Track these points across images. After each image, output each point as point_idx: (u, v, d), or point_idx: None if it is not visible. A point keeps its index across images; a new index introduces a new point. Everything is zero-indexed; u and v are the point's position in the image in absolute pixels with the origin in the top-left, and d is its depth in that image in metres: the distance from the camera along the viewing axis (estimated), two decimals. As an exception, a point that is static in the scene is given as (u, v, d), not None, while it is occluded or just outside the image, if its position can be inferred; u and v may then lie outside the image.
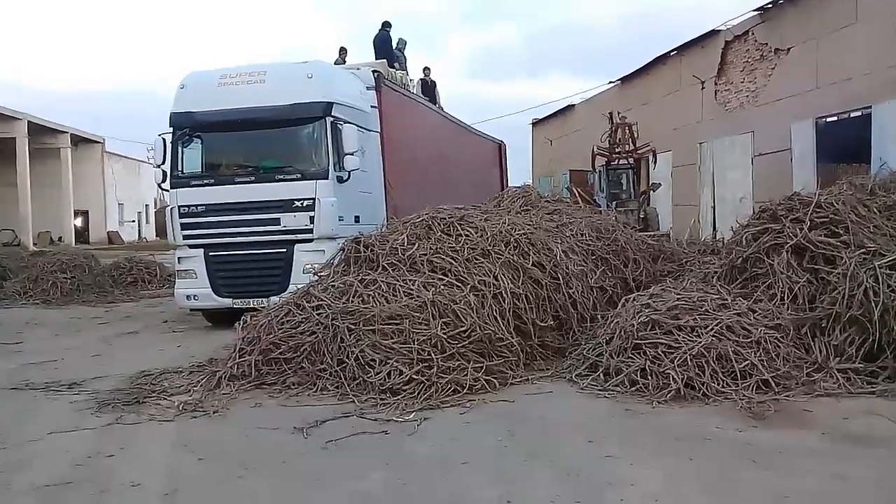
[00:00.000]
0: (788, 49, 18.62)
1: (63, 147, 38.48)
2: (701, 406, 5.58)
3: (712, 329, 6.11)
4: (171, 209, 10.69)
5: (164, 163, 10.74)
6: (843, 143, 16.54)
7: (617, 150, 21.56)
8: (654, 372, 5.97)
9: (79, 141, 41.21)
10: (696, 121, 23.08)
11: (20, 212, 33.66)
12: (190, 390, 6.46)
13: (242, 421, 5.62)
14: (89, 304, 14.10)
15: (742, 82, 20.70)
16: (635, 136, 21.35)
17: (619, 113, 22.87)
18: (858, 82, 15.86)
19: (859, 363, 6.06)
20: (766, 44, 19.52)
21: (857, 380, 5.93)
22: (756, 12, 19.72)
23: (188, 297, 10.64)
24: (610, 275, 8.58)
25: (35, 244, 32.75)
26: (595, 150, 21.59)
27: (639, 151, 21.26)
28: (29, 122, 34.13)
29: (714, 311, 6.38)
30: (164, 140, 10.69)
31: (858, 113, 15.98)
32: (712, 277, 7.60)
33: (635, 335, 6.31)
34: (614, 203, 19.86)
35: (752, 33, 20.13)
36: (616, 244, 9.08)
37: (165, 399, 6.25)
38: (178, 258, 10.74)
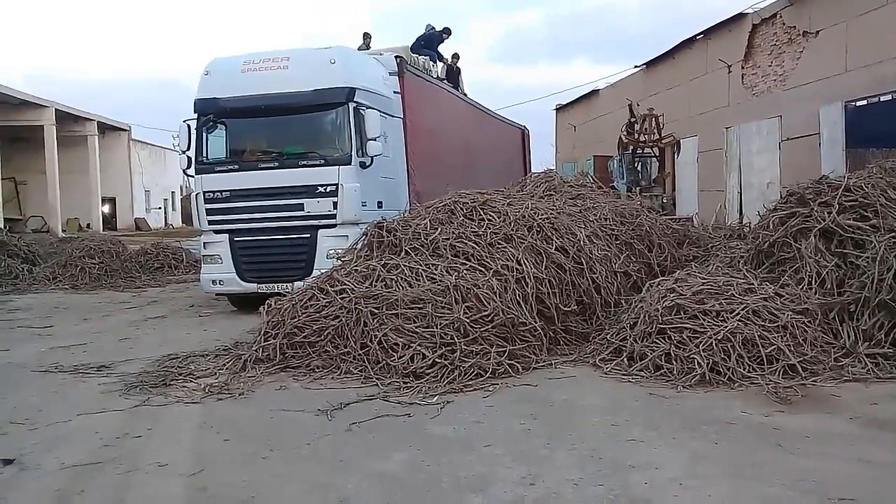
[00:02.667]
0: (817, 32, 18.28)
1: (90, 135, 38.84)
2: (726, 391, 5.54)
3: (738, 313, 6.05)
4: (196, 195, 10.78)
5: (188, 149, 10.84)
6: (873, 128, 16.23)
7: (642, 139, 21.91)
8: (679, 356, 5.94)
9: (105, 129, 41.60)
10: (722, 105, 22.78)
11: (49, 199, 34.09)
12: (216, 373, 6.54)
13: (267, 403, 5.67)
14: (117, 289, 14.29)
15: (769, 66, 20.38)
16: (661, 126, 21.55)
17: (637, 103, 22.98)
18: (888, 66, 15.54)
19: (888, 348, 5.99)
20: (794, 27, 19.19)
21: (885, 365, 5.86)
22: (784, -6, 19.40)
23: (214, 281, 10.75)
24: (634, 260, 8.55)
25: (64, 231, 33.20)
26: (623, 138, 21.90)
27: (663, 141, 21.56)
28: (56, 109, 34.44)
29: (740, 295, 6.31)
30: (188, 126, 10.78)
31: (888, 97, 15.67)
32: (738, 262, 7.53)
33: (660, 320, 6.28)
34: (638, 189, 20.04)
35: (780, 16, 19.78)
36: (640, 229, 9.03)
37: (192, 381, 6.32)
38: (204, 243, 10.83)
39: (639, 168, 22.49)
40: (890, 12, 15.70)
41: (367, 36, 15.54)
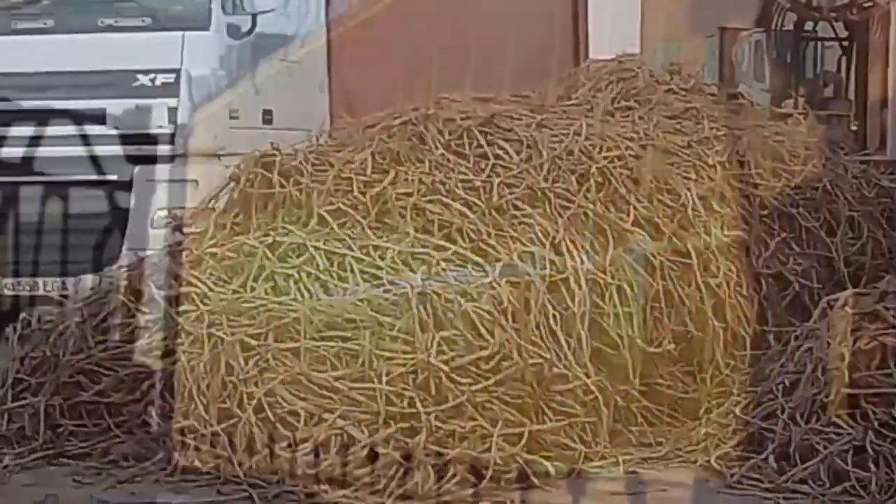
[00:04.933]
0: None
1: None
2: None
3: None
4: None
5: None
6: None
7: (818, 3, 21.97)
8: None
9: None
10: None
11: None
12: None
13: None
14: None
15: None
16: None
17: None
18: None
19: None
20: None
21: None
22: None
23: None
24: (797, 248, 8.58)
25: None
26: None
27: (864, 7, 21.59)
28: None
29: None
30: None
31: None
32: None
33: (850, 377, 6.27)
34: (797, 99, 20.14)
35: None
36: (816, 190, 9.07)
37: None
38: None
39: (801, 60, 22.46)
40: None
41: None
